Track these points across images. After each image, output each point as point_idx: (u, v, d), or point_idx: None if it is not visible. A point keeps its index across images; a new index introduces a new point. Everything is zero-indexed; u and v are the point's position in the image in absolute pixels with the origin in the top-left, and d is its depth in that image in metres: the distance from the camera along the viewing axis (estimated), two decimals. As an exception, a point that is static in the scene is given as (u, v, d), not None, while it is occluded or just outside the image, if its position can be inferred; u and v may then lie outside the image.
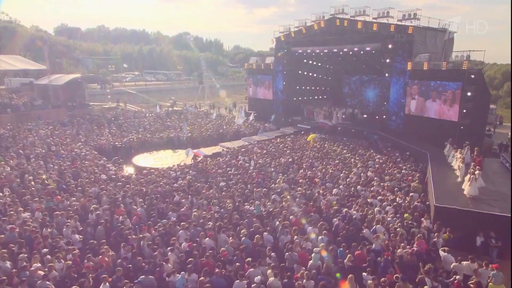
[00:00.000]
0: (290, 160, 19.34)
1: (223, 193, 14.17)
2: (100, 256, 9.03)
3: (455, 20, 28.23)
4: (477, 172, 13.14)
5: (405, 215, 12.65)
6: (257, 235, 10.52)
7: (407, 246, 10.46)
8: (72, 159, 17.87)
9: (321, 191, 14.42)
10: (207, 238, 10.28)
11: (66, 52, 78.40)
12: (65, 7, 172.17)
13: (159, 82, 66.80)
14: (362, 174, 17.10)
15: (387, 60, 26.15)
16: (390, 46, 25.10)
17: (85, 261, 8.85)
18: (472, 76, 20.63)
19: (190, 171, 16.84)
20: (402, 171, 17.73)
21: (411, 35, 24.17)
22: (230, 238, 10.45)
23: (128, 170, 19.50)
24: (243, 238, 10.53)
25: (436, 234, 11.06)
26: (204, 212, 12.22)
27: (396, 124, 25.98)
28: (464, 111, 21.18)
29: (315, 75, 36.53)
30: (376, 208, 12.93)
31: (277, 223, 11.60)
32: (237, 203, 13.02)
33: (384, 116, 27.22)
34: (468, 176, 13.54)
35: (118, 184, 14.76)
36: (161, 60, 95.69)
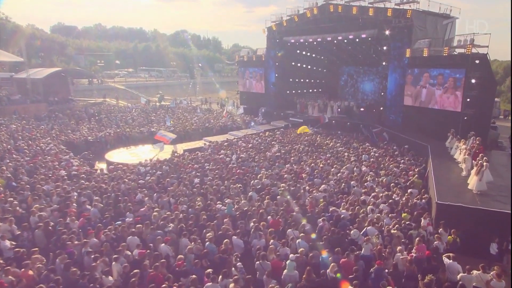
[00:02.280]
0: (277, 154, 17.62)
1: (195, 190, 12.44)
2: (23, 269, 7.31)
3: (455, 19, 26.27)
4: (485, 164, 11.37)
5: (403, 214, 10.94)
6: (225, 240, 8.80)
7: (405, 252, 8.75)
8: (34, 155, 16.15)
9: (307, 187, 12.70)
10: (163, 244, 8.55)
11: (59, 49, 76.74)
12: (64, 7, 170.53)
13: (151, 78, 65.04)
14: (355, 168, 15.36)
15: (384, 48, 24.38)
16: (387, 32, 23.24)
17: (3, 275, 7.12)
18: (477, 62, 18.82)
19: (163, 167, 15.11)
20: (400, 165, 15.99)
21: (410, 19, 22.31)
22: (192, 243, 8.75)
23: (101, 166, 17.79)
24: (207, 243, 8.82)
25: (436, 235, 9.34)
26: (168, 212, 10.49)
27: (394, 116, 24.19)
28: (468, 100, 19.40)
29: (309, 66, 34.72)
30: (369, 207, 11.20)
31: (252, 224, 9.89)
32: (208, 202, 11.30)
33: (382, 108, 25.42)
34: (475, 169, 11.79)
35: (80, 181, 13.02)
36: (156, 57, 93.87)
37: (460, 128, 18.90)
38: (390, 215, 10.75)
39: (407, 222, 10.29)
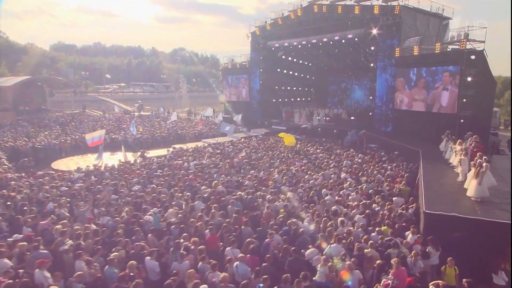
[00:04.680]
0: (245, 160, 15.33)
1: (128, 198, 10.10)
2: None
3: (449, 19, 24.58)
4: (485, 164, 9.04)
5: (383, 227, 8.55)
6: (131, 262, 6.41)
7: (382, 278, 6.39)
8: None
9: (268, 196, 10.34)
10: (37, 269, 6.15)
11: (50, 64, 76.27)
12: (67, 28, 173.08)
13: (137, 91, 64.10)
14: (332, 175, 13.02)
15: (372, 48, 22.47)
16: (374, 31, 21.38)
17: None
18: (473, 57, 16.80)
19: (105, 173, 12.81)
20: (387, 172, 13.66)
21: (398, 16, 20.46)
22: (86, 266, 6.37)
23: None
24: (106, 266, 6.44)
25: (414, 252, 6.97)
26: (77, 226, 8.12)
27: (384, 121, 22.02)
28: (464, 100, 17.29)
29: (296, 74, 32.78)
30: (339, 219, 8.81)
31: (182, 240, 7.51)
32: (135, 213, 8.92)
33: (370, 113, 23.26)
34: (473, 171, 9.46)
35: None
36: (150, 73, 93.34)
37: (456, 132, 16.67)
38: (365, 228, 8.38)
39: (386, 238, 7.91)
